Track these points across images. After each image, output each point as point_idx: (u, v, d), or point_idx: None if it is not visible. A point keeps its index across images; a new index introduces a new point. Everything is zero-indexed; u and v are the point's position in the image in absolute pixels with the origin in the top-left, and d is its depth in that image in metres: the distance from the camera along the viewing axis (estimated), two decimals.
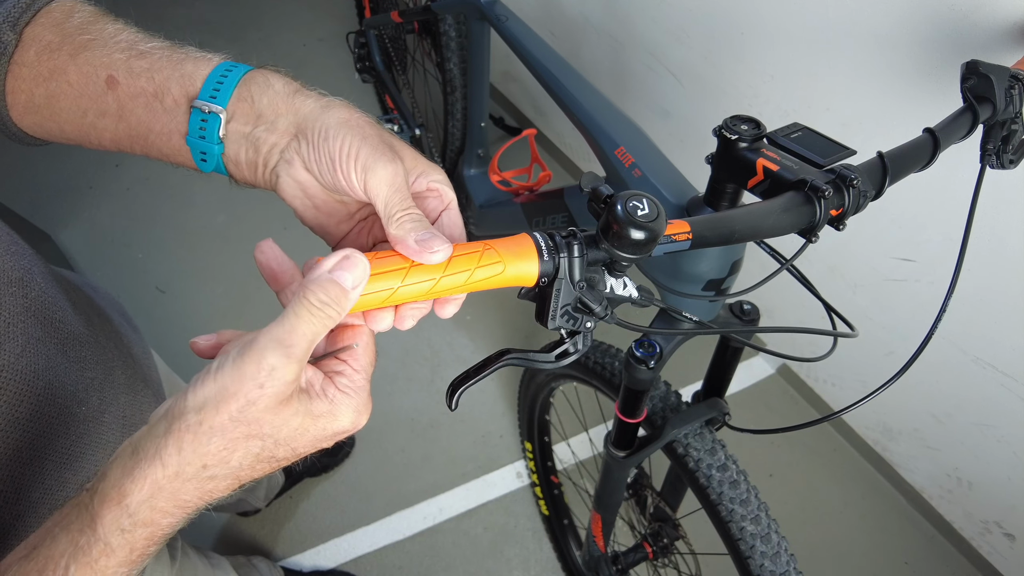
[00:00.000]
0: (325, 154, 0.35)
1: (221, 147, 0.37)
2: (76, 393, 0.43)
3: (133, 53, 0.37)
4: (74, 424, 0.43)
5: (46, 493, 0.41)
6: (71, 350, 0.43)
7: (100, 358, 0.48)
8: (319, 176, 0.37)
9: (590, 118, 0.83)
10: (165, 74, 0.37)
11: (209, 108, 0.36)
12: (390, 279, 0.34)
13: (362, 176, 0.35)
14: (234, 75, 0.37)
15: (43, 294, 0.42)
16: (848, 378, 1.40)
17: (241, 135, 0.37)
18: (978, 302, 1.01)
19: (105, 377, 0.48)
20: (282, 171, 0.37)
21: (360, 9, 1.90)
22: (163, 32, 0.40)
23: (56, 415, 0.41)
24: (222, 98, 0.36)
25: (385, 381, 1.56)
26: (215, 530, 1.33)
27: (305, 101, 0.36)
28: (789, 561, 0.70)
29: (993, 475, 1.17)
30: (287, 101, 0.36)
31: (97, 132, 0.38)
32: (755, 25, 1.13)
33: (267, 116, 0.36)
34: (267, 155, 0.37)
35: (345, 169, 0.35)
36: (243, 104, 0.36)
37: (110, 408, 0.48)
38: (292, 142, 0.36)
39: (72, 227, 1.83)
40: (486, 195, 1.44)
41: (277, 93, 0.37)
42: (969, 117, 0.55)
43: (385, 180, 0.35)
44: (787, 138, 0.52)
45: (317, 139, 0.35)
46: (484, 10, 1.09)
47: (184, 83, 0.37)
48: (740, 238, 0.44)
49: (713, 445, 0.75)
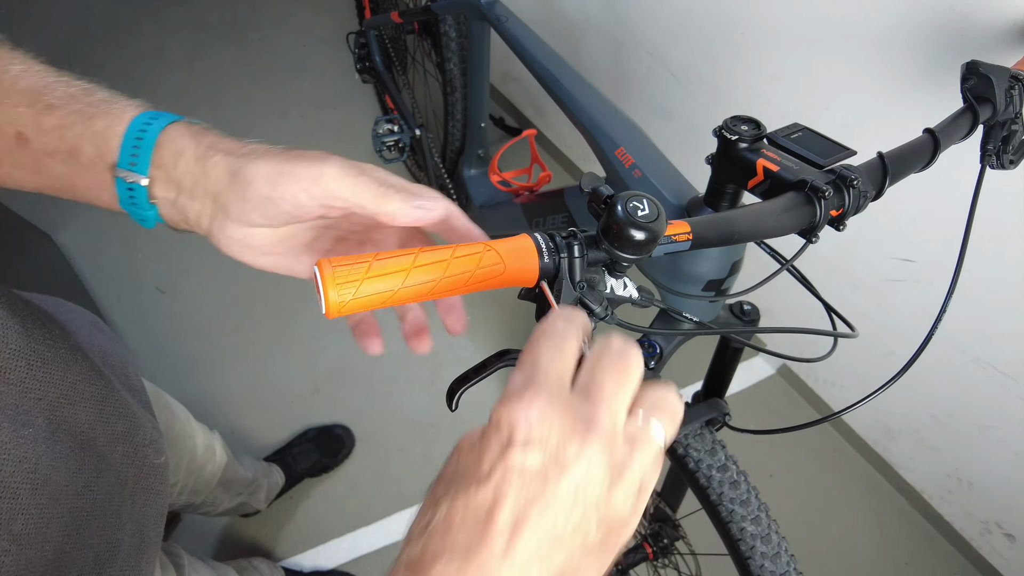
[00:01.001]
0: (255, 198, 0.34)
1: (155, 209, 0.36)
2: (18, 416, 0.41)
3: (40, 107, 0.35)
4: (27, 446, 0.41)
5: (27, 523, 0.40)
6: (11, 372, 0.41)
7: (53, 376, 0.46)
8: (262, 220, 0.36)
9: (590, 118, 0.83)
10: (76, 131, 0.35)
11: (132, 178, 0.35)
12: (391, 280, 0.34)
13: (316, 187, 0.34)
14: (149, 135, 0.35)
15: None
16: (848, 378, 1.40)
17: (167, 201, 0.36)
18: (978, 303, 1.01)
19: (61, 394, 0.46)
20: (218, 234, 0.36)
21: (360, 9, 1.90)
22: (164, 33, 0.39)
23: (8, 440, 0.39)
24: (142, 165, 0.35)
25: (385, 382, 1.56)
26: (216, 531, 1.33)
27: (215, 161, 0.35)
28: (789, 562, 0.70)
29: (993, 475, 1.17)
30: (199, 168, 0.35)
31: (16, 181, 0.37)
32: (755, 25, 1.12)
33: (184, 184, 0.35)
34: (196, 221, 0.36)
35: (288, 195, 0.34)
36: (160, 172, 0.35)
37: (61, 427, 0.46)
38: (215, 206, 0.35)
39: (72, 227, 1.83)
40: (486, 195, 1.44)
41: (188, 161, 0.35)
42: (969, 117, 0.55)
43: (340, 174, 0.35)
44: (787, 138, 0.52)
45: (240, 190, 0.34)
46: (484, 10, 1.09)
47: (98, 143, 0.35)
48: (740, 239, 0.44)
49: (713, 445, 0.75)
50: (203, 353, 1.58)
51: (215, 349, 1.59)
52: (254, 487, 1.19)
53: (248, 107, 2.21)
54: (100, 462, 0.50)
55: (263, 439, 1.45)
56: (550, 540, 0.24)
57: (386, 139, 1.57)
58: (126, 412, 0.56)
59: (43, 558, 0.41)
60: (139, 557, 0.55)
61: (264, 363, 1.58)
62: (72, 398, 0.48)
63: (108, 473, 0.51)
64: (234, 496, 1.12)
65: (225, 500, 1.09)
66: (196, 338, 1.60)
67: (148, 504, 0.57)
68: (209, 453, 0.96)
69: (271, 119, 2.18)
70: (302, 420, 1.48)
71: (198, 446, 0.92)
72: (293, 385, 1.54)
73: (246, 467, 1.17)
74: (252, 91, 2.28)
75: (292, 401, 1.51)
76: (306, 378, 1.56)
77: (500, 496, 0.24)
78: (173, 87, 2.24)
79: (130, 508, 0.54)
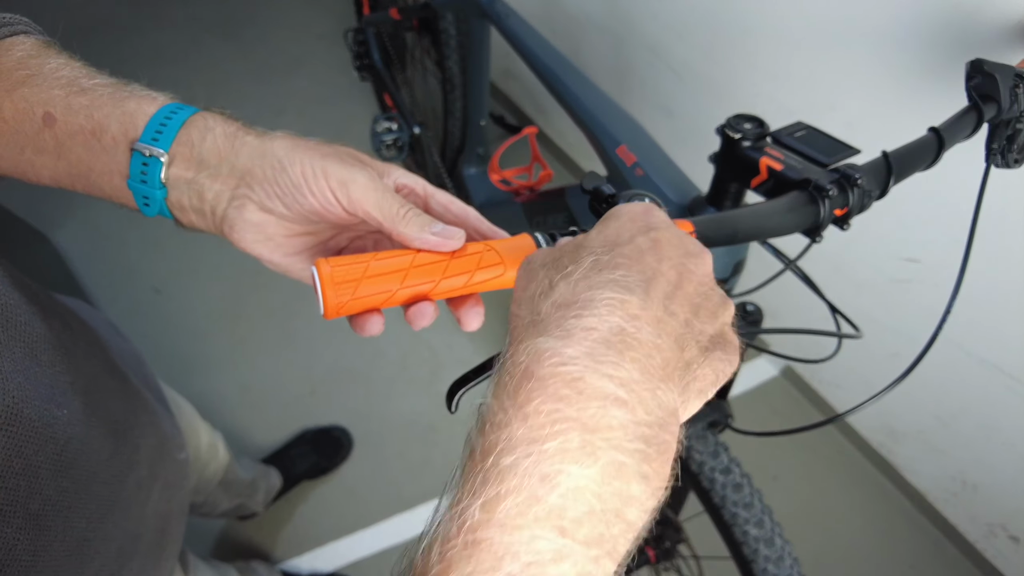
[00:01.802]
0: (287, 184, 0.34)
1: (164, 191, 0.36)
2: (54, 396, 0.42)
3: (73, 90, 0.36)
4: (58, 427, 0.41)
5: (46, 503, 0.40)
6: (41, 354, 0.42)
7: (78, 362, 0.46)
8: (284, 209, 0.35)
9: (591, 116, 0.82)
10: (105, 112, 0.35)
11: (150, 151, 0.35)
12: (389, 280, 0.34)
13: (341, 191, 0.34)
14: (178, 118, 0.35)
15: (2, 295, 0.40)
16: (852, 380, 1.39)
17: (184, 181, 0.36)
18: (984, 303, 1.00)
19: (88, 381, 0.47)
20: (234, 217, 0.36)
21: (359, 6, 1.89)
22: (161, 31, 0.39)
23: (36, 417, 0.39)
24: (164, 141, 0.35)
25: (384, 384, 1.55)
26: (214, 533, 1.32)
27: (245, 141, 0.35)
28: (793, 565, 0.69)
29: (999, 478, 1.16)
30: (228, 144, 0.35)
31: (35, 169, 0.37)
32: (759, 23, 1.12)
33: (209, 162, 0.35)
34: (213, 203, 0.36)
35: (316, 190, 0.34)
36: (184, 148, 0.35)
37: (96, 412, 0.46)
38: (240, 186, 0.35)
39: (68, 227, 1.83)
40: (486, 194, 1.43)
41: (217, 137, 0.35)
42: (974, 116, 0.54)
43: (369, 187, 0.35)
44: (791, 137, 0.52)
45: (272, 173, 0.34)
46: (484, 7, 1.08)
47: (124, 122, 0.35)
48: (743, 238, 0.43)
49: (716, 448, 0.74)
50: (199, 354, 1.57)
51: (211, 350, 1.58)
52: (252, 489, 1.19)
53: (245, 104, 2.20)
54: (134, 453, 0.51)
55: (260, 441, 1.44)
56: (691, 302, 0.27)
57: (385, 137, 1.56)
58: (148, 407, 0.57)
59: (64, 545, 0.41)
60: (159, 554, 0.56)
61: (261, 364, 1.57)
62: (99, 386, 0.48)
63: (140, 466, 0.52)
64: (233, 498, 1.12)
65: (224, 501, 1.09)
66: (192, 339, 1.59)
67: (172, 500, 0.58)
68: (212, 451, 0.96)
69: (268, 116, 2.17)
70: (299, 422, 1.47)
71: (202, 443, 0.92)
72: (290, 386, 1.54)
73: (245, 469, 1.17)
74: (249, 88, 2.28)
75: (289, 403, 1.51)
76: (303, 379, 1.55)
77: (657, 247, 0.28)
78: (170, 84, 2.18)
79: (156, 503, 0.54)
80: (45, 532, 0.39)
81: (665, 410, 0.24)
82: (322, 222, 0.37)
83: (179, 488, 0.60)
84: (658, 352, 0.24)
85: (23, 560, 0.38)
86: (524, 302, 0.28)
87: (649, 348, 0.24)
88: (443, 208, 0.40)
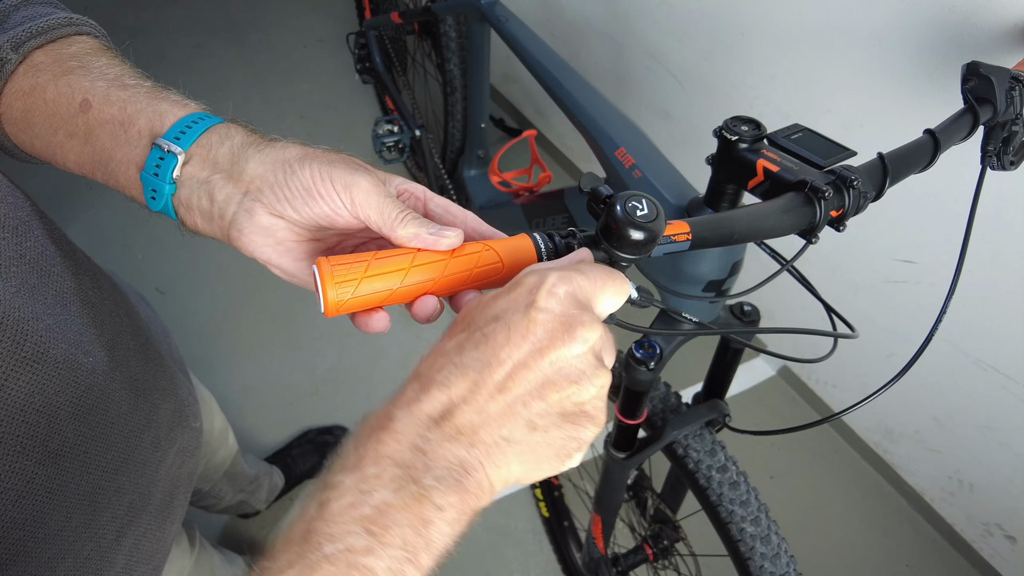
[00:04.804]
0: (297, 187, 0.36)
1: (172, 188, 0.37)
2: (81, 343, 0.43)
3: (116, 84, 0.38)
4: (81, 374, 0.42)
5: (64, 444, 0.41)
6: (71, 304, 0.43)
7: (104, 318, 0.48)
8: (294, 214, 0.36)
9: (590, 119, 0.83)
10: (138, 107, 0.37)
11: (169, 147, 0.36)
12: (389, 279, 0.34)
13: (346, 194, 0.36)
14: (204, 123, 0.37)
15: (39, 246, 0.42)
16: (849, 380, 1.40)
17: (196, 180, 0.37)
18: (979, 304, 1.01)
19: (113, 337, 0.48)
20: (243, 222, 0.36)
21: (360, 10, 1.90)
22: (165, 34, 0.40)
23: (62, 360, 0.40)
24: (185, 141, 0.36)
25: (383, 384, 1.56)
26: (215, 531, 1.33)
27: (259, 148, 0.37)
28: (789, 563, 0.70)
29: (995, 477, 1.16)
30: (242, 151, 0.37)
31: (64, 152, 0.39)
32: (756, 26, 1.12)
33: (222, 165, 0.37)
34: (223, 206, 0.37)
35: (325, 193, 0.35)
36: (202, 150, 0.37)
37: (120, 367, 0.48)
38: (250, 190, 0.36)
39: (72, 228, 1.83)
40: (486, 196, 1.44)
41: (235, 144, 0.37)
42: (970, 118, 0.55)
43: (371, 191, 0.36)
44: (787, 139, 0.52)
45: (283, 176, 0.36)
46: (484, 11, 1.09)
47: (153, 119, 0.37)
48: (740, 239, 0.44)
49: (713, 446, 0.75)
50: (202, 354, 1.57)
51: (214, 350, 1.59)
52: (255, 485, 1.20)
53: (247, 108, 2.21)
54: (152, 412, 0.53)
55: (263, 441, 1.44)
56: (537, 390, 0.29)
57: (386, 140, 1.57)
58: (169, 372, 0.58)
59: (79, 490, 0.43)
60: (165, 517, 0.57)
61: (263, 365, 1.58)
62: (123, 344, 0.50)
63: (158, 426, 0.53)
64: (237, 492, 1.13)
65: (228, 494, 1.10)
66: (195, 339, 1.60)
67: (183, 466, 0.60)
68: (223, 438, 0.98)
69: (271, 120, 2.18)
70: (302, 422, 1.47)
71: (215, 427, 0.94)
72: (293, 387, 1.54)
73: (249, 464, 1.18)
74: (252, 92, 2.29)
75: (292, 403, 1.51)
76: (306, 380, 1.55)
77: (513, 336, 0.29)
78: (173, 87, 2.24)
79: (168, 466, 0.56)
80: (62, 472, 0.41)
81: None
82: (331, 228, 0.38)
83: (191, 455, 0.62)
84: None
85: (39, 495, 0.39)
86: (432, 355, 0.32)
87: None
88: (442, 210, 0.41)
